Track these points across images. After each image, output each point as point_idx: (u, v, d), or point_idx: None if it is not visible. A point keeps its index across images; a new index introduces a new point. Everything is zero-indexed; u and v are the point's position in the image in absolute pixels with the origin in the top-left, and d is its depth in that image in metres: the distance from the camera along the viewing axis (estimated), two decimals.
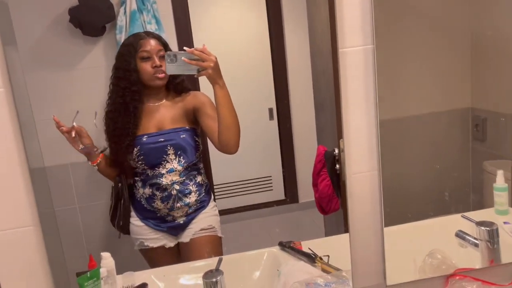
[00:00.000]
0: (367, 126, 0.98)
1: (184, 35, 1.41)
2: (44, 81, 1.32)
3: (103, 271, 1.11)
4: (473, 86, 1.35)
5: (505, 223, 1.28)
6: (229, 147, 1.30)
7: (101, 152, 1.28)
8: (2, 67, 0.91)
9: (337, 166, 1.34)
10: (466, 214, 1.28)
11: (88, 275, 1.04)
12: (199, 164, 1.37)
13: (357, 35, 0.94)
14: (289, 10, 1.57)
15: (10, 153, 0.95)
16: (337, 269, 1.18)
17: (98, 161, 1.28)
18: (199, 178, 1.36)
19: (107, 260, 1.14)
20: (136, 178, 1.33)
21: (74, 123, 1.22)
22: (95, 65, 1.34)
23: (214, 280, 1.04)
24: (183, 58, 1.20)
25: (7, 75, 0.92)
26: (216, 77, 1.23)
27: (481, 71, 1.35)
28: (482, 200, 1.40)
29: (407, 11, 1.23)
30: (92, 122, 1.28)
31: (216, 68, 1.22)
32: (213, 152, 1.37)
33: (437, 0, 1.29)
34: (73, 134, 1.21)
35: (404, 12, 1.22)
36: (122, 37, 1.33)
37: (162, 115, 1.33)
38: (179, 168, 1.31)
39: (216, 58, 1.22)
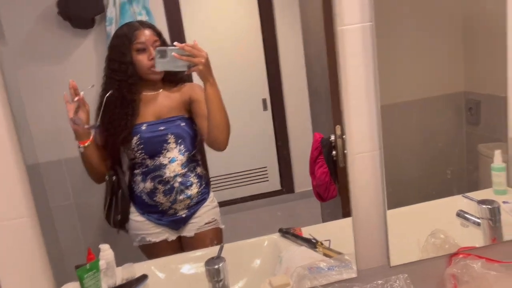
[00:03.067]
0: (368, 104, 0.98)
1: (176, 26, 1.38)
2: (34, 76, 1.29)
3: (102, 263, 1.09)
4: (466, 69, 1.35)
5: (504, 202, 1.28)
6: (217, 145, 1.29)
7: (91, 127, 1.21)
8: None
9: (334, 152, 1.34)
10: (466, 194, 1.29)
11: (88, 267, 1.02)
12: (197, 155, 1.35)
13: (356, 12, 0.93)
14: None
15: (3, 146, 0.93)
16: (339, 253, 1.17)
17: (87, 144, 1.22)
18: (198, 169, 1.35)
19: (106, 252, 1.12)
20: (136, 171, 1.29)
21: (82, 93, 1.17)
22: (85, 58, 1.31)
23: (216, 267, 1.03)
24: (173, 53, 1.18)
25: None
26: (207, 73, 1.21)
27: (473, 54, 1.35)
28: (477, 183, 1.40)
29: None
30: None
31: (207, 64, 1.20)
32: None
33: None
34: (76, 98, 1.16)
35: None
36: (112, 29, 1.30)
37: (160, 103, 1.30)
38: (181, 157, 1.29)
39: (207, 54, 1.20)
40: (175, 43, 1.19)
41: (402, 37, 1.26)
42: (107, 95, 1.22)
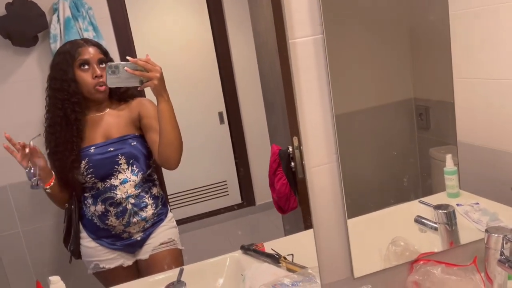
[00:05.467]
0: (323, 117, 0.98)
1: (125, 41, 1.34)
2: None
3: None
4: (414, 77, 1.38)
5: (458, 205, 1.32)
6: (169, 163, 1.25)
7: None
8: None
9: (292, 164, 1.33)
10: (422, 199, 1.31)
11: None
12: (153, 175, 1.30)
13: (306, 25, 0.93)
14: (231, 10, 1.55)
15: None
16: (303, 267, 1.16)
17: (51, 184, 1.17)
18: (154, 190, 1.30)
19: (57, 285, 1.05)
20: (86, 195, 1.23)
21: (31, 142, 1.13)
22: (29, 78, 1.24)
23: None
24: (126, 68, 1.14)
25: None
26: (161, 89, 1.18)
27: (420, 62, 1.39)
28: (432, 187, 1.44)
29: (346, 6, 1.24)
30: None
31: (161, 79, 1.17)
32: None
33: None
34: (27, 150, 1.11)
35: (343, 7, 1.23)
36: (57, 47, 1.24)
37: (108, 123, 1.25)
38: (134, 178, 1.24)
39: (161, 69, 1.17)
40: (128, 57, 1.15)
41: (352, 48, 1.28)
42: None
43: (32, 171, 1.14)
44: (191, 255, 1.34)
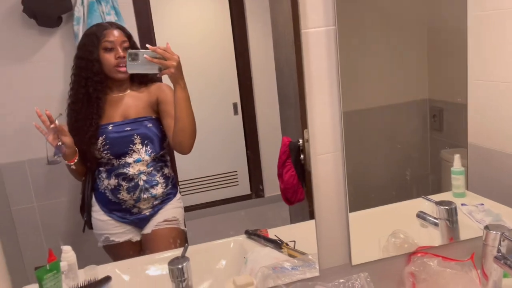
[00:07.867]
0: (331, 106, 0.99)
1: (145, 27, 1.37)
2: None
3: (63, 264, 1.07)
4: (430, 78, 1.39)
5: (462, 205, 1.33)
6: (182, 148, 1.30)
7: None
8: None
9: (302, 156, 1.35)
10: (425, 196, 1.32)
11: (47, 268, 1.00)
12: (166, 156, 1.35)
13: (319, 16, 0.95)
14: (251, 1, 1.56)
15: None
16: (303, 253, 1.18)
17: (75, 160, 1.24)
18: (166, 170, 1.34)
19: (68, 254, 1.10)
20: (101, 169, 1.29)
21: (57, 121, 1.18)
22: (51, 58, 1.28)
23: (180, 266, 1.02)
24: (145, 55, 1.19)
25: None
26: (178, 77, 1.22)
27: (436, 63, 1.39)
28: (440, 187, 1.44)
29: (365, 5, 1.25)
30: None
31: (179, 67, 1.22)
32: None
33: None
34: (52, 125, 1.16)
35: (361, 6, 1.24)
36: (80, 28, 1.28)
37: (127, 104, 1.30)
38: (146, 158, 1.29)
39: (179, 57, 1.21)
40: (147, 45, 1.20)
41: (370, 44, 1.29)
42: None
43: (61, 147, 1.19)
44: (197, 240, 1.37)
